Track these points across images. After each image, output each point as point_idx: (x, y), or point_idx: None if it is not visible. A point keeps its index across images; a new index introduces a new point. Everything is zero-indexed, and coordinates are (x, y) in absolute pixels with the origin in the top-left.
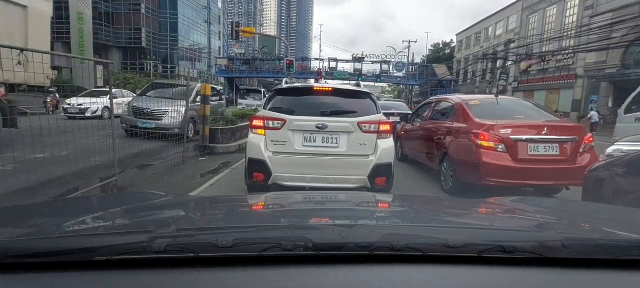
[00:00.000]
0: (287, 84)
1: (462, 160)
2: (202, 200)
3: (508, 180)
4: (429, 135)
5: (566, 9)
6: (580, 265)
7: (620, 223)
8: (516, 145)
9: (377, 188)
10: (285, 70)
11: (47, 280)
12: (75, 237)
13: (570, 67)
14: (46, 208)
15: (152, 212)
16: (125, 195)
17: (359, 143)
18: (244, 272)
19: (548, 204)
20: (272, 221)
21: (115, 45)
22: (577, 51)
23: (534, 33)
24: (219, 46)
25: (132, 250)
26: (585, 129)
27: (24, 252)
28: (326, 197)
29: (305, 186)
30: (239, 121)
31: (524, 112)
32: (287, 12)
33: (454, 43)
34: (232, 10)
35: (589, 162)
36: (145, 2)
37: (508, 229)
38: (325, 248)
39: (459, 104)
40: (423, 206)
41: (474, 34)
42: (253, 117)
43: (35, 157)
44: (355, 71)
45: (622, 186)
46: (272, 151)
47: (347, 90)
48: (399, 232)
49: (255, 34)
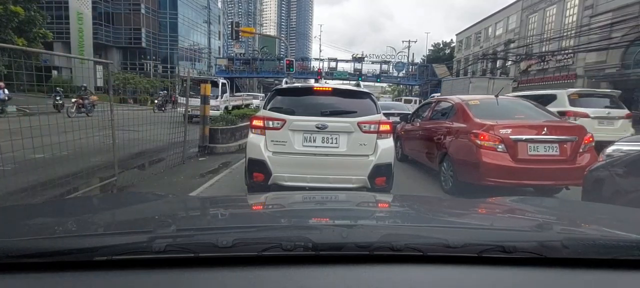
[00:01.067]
0: (287, 84)
1: (462, 160)
2: (202, 200)
3: (508, 180)
4: (429, 135)
5: (566, 8)
6: (580, 265)
7: (620, 223)
8: (516, 145)
9: (377, 188)
10: (285, 70)
11: (47, 280)
12: (75, 237)
13: (570, 67)
14: (46, 208)
15: (152, 212)
16: (125, 195)
17: (358, 143)
18: (244, 272)
19: (548, 204)
20: (272, 221)
21: (114, 45)
22: (576, 51)
23: (533, 33)
24: (219, 46)
25: (132, 250)
26: (585, 129)
27: (24, 252)
28: (326, 197)
29: (305, 186)
30: (239, 121)
31: (523, 111)
32: (287, 12)
33: (454, 43)
34: (232, 10)
35: (588, 162)
36: (145, 2)
37: (508, 229)
38: (325, 248)
39: (459, 103)
40: (423, 206)
41: (473, 34)
42: (253, 117)
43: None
44: (355, 71)
45: (622, 186)
46: (272, 151)
47: (347, 90)
48: (399, 232)
49: (255, 33)
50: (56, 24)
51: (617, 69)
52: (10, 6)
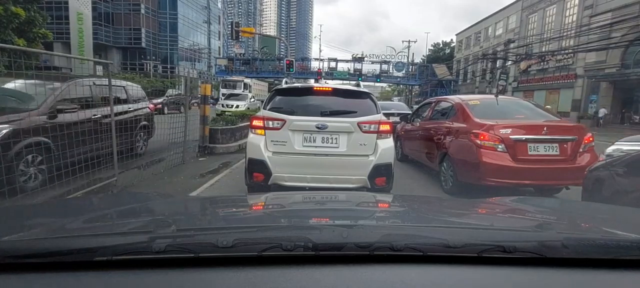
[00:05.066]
0: (287, 84)
1: (462, 160)
2: (202, 200)
3: (508, 180)
4: (429, 135)
5: (566, 8)
6: (580, 265)
7: (620, 223)
8: (516, 145)
9: (377, 188)
10: (285, 70)
11: (47, 280)
12: (75, 237)
13: (569, 67)
14: (46, 208)
15: (152, 212)
16: (125, 195)
17: (358, 143)
18: (244, 272)
19: (548, 204)
20: (272, 221)
21: (114, 46)
22: (576, 51)
23: (533, 33)
24: (219, 46)
25: (132, 250)
26: (585, 129)
27: (24, 252)
28: (326, 197)
29: (305, 186)
30: (239, 121)
31: (523, 111)
32: (287, 12)
33: (454, 43)
34: (232, 10)
35: (588, 162)
36: (145, 3)
37: (508, 229)
38: (325, 248)
39: (459, 103)
40: (423, 206)
41: (473, 34)
42: (253, 117)
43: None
44: (355, 71)
45: (622, 186)
46: (272, 151)
47: (347, 90)
48: (399, 232)
49: (255, 34)
50: (56, 24)
51: (617, 69)
52: (11, 7)
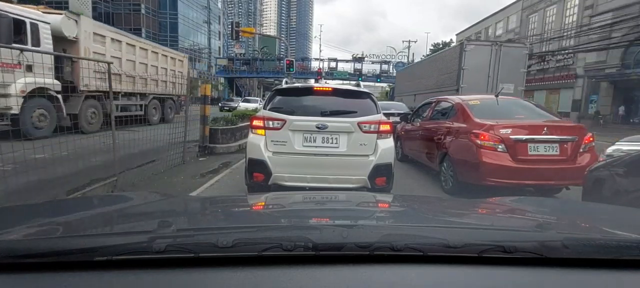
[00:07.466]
0: (287, 84)
1: (462, 160)
2: (202, 200)
3: (508, 180)
4: (429, 135)
5: (566, 8)
6: (581, 265)
7: (620, 223)
8: (516, 145)
9: (377, 188)
10: (285, 70)
11: (47, 280)
12: (75, 237)
13: (570, 67)
14: (46, 208)
15: (152, 212)
16: (125, 195)
17: (359, 143)
18: (244, 272)
19: (548, 204)
20: (272, 221)
21: None
22: (577, 51)
23: (533, 33)
24: (219, 46)
25: (132, 250)
26: (585, 129)
27: (24, 252)
28: (326, 197)
29: (305, 186)
30: (239, 121)
31: (523, 112)
32: (287, 12)
33: (454, 43)
34: (232, 10)
35: (588, 162)
36: (145, 3)
37: (508, 229)
38: (325, 248)
39: (459, 103)
40: (423, 206)
41: (473, 34)
42: (253, 117)
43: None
44: (355, 71)
45: (622, 186)
46: (272, 151)
47: (347, 90)
48: (399, 232)
49: (255, 34)
50: None
51: (617, 69)
52: None
